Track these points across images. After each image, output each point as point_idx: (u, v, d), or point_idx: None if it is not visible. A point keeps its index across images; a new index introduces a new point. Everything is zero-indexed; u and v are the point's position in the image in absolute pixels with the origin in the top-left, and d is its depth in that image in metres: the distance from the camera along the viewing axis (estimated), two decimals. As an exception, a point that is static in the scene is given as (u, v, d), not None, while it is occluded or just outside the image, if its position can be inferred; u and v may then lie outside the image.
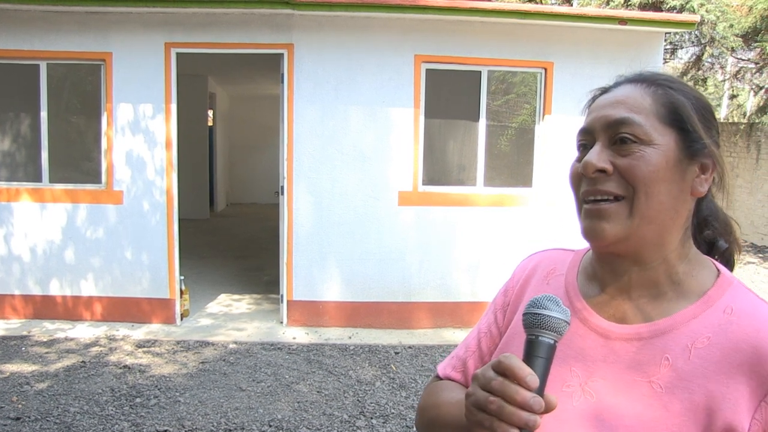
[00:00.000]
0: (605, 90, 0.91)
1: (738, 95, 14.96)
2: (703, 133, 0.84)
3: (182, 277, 5.62)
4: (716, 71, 12.58)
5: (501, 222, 5.73)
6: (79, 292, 5.54)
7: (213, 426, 3.66)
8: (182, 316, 5.65)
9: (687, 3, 9.32)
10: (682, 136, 0.83)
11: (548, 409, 0.72)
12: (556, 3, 12.39)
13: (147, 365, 4.57)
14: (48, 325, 5.40)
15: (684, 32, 9.65)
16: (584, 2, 11.36)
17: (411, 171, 5.60)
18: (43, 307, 5.53)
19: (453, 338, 5.47)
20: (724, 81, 13.50)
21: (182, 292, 5.62)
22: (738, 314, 0.80)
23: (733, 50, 10.15)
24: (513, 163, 6.01)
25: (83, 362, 4.58)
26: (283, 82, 5.44)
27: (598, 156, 0.83)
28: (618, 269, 0.87)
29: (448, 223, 5.68)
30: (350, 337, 5.38)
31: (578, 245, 1.00)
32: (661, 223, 0.83)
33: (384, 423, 3.77)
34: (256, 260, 8.27)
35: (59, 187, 5.49)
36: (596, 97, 0.91)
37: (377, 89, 5.50)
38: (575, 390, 0.85)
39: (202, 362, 4.67)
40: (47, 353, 4.75)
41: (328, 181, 5.55)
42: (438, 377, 1.08)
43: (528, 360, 0.73)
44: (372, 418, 3.82)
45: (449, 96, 5.84)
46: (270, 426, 3.68)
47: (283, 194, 5.54)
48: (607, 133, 0.84)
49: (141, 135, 5.42)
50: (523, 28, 5.54)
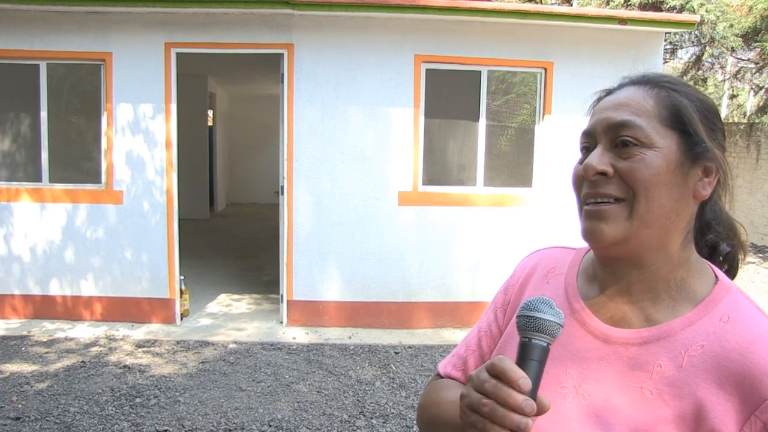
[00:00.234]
0: (609, 92, 0.90)
1: (738, 95, 14.95)
2: (705, 136, 0.83)
3: (182, 277, 5.63)
4: (716, 71, 12.58)
5: (501, 222, 5.73)
6: (79, 292, 5.54)
7: (213, 426, 3.66)
8: (182, 316, 5.65)
9: (687, 3, 9.32)
10: (684, 139, 0.83)
11: (541, 412, 0.72)
12: (556, 3, 12.39)
13: (147, 365, 4.57)
14: (48, 325, 5.41)
15: (684, 32, 9.66)
16: (584, 2, 11.36)
17: (411, 171, 5.60)
18: (43, 307, 5.53)
19: (453, 338, 5.47)
20: (724, 81, 13.51)
21: (182, 292, 5.62)
22: (734, 323, 0.79)
23: (733, 50, 10.16)
24: (513, 163, 6.01)
25: (83, 362, 4.58)
26: (283, 82, 5.44)
27: (599, 159, 0.83)
28: (617, 272, 0.87)
29: (448, 223, 5.68)
30: (350, 337, 5.38)
31: (579, 244, 0.99)
32: (662, 227, 0.82)
33: (384, 423, 3.77)
34: (256, 260, 8.27)
35: (59, 187, 5.49)
36: (600, 99, 0.91)
37: (377, 89, 5.51)
38: (569, 391, 0.85)
39: (202, 362, 4.67)
40: (47, 353, 4.75)
41: (328, 181, 5.55)
42: (439, 375, 1.08)
43: (521, 362, 0.73)
44: (372, 418, 3.83)
45: (449, 96, 5.84)
46: (270, 426, 3.68)
47: (283, 194, 5.54)
48: (609, 136, 0.84)
49: (141, 135, 5.42)
50: (523, 28, 5.54)
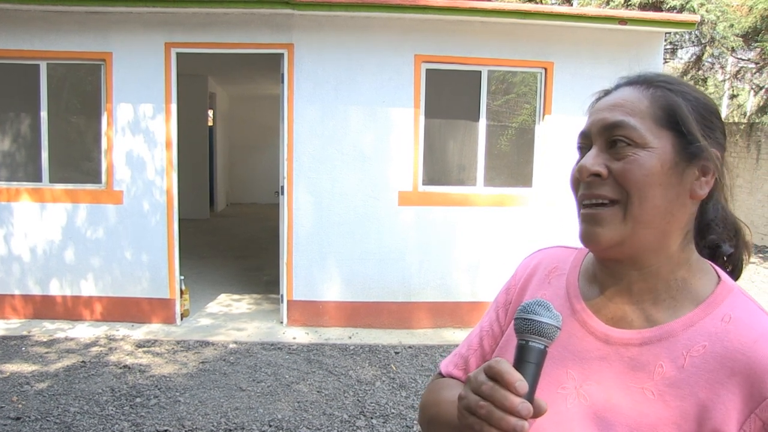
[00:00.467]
0: (607, 92, 0.90)
1: (738, 95, 14.95)
2: (700, 135, 0.82)
3: (182, 277, 5.62)
4: (716, 71, 12.58)
5: (501, 222, 5.73)
6: (79, 292, 5.54)
7: (213, 426, 3.66)
8: (182, 316, 5.65)
9: (687, 3, 9.32)
10: (680, 139, 0.82)
11: (538, 414, 0.72)
12: (556, 3, 12.39)
13: (147, 365, 4.57)
14: (48, 325, 5.41)
15: (684, 32, 9.65)
16: (584, 2, 11.36)
17: (411, 171, 5.60)
18: (43, 307, 5.53)
19: (453, 338, 5.47)
20: (724, 81, 13.51)
21: (182, 292, 5.62)
22: (735, 323, 0.79)
23: (733, 50, 10.16)
24: (513, 163, 6.01)
25: (83, 362, 4.58)
26: (283, 82, 5.44)
27: (593, 160, 0.83)
28: (617, 273, 0.87)
29: (448, 223, 5.68)
30: (350, 337, 5.38)
31: (580, 244, 0.99)
32: (658, 227, 0.82)
33: (384, 423, 3.77)
34: (256, 260, 8.27)
35: (59, 187, 5.49)
36: (599, 100, 0.91)
37: (377, 89, 5.50)
38: (570, 392, 0.85)
39: (202, 362, 4.67)
40: (47, 353, 4.75)
41: (328, 181, 5.55)
42: (441, 375, 1.08)
43: (518, 365, 0.73)
44: (372, 418, 3.82)
45: (449, 96, 5.84)
46: (270, 426, 3.68)
47: (283, 194, 5.54)
48: (603, 137, 0.84)
49: (141, 135, 5.42)
50: (524, 28, 5.54)
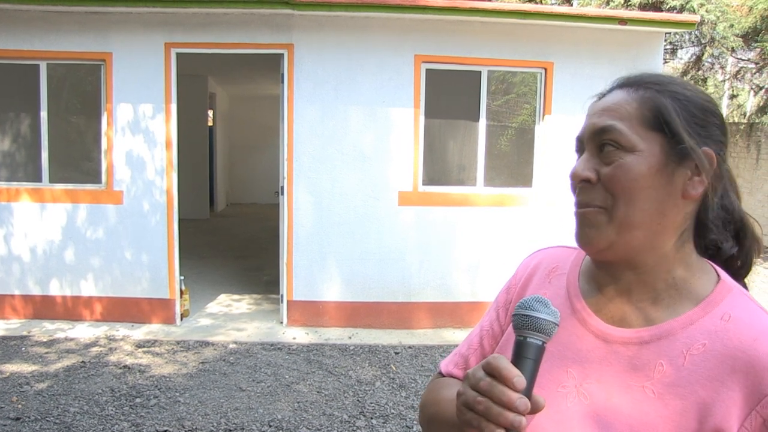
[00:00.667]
0: (602, 95, 0.91)
1: (738, 95, 14.96)
2: (687, 136, 0.81)
3: (182, 277, 5.62)
4: (716, 71, 12.58)
5: (501, 222, 5.73)
6: (79, 292, 5.54)
7: (213, 426, 3.66)
8: (182, 316, 5.65)
9: (687, 3, 9.32)
10: (668, 140, 0.82)
11: (535, 410, 0.72)
12: (556, 3, 12.39)
13: (147, 365, 4.57)
14: (48, 325, 5.40)
15: (684, 32, 9.66)
16: (584, 2, 11.36)
17: (411, 171, 5.60)
18: (43, 307, 5.53)
19: (453, 338, 5.47)
20: (724, 81, 13.51)
21: (182, 292, 5.62)
22: (735, 322, 0.79)
23: (733, 50, 10.16)
24: (513, 163, 6.01)
25: (83, 362, 4.58)
26: (283, 82, 5.44)
27: (584, 165, 0.85)
28: (614, 273, 0.87)
29: (448, 223, 5.68)
30: (350, 337, 5.38)
31: None
32: (648, 229, 0.82)
33: (384, 423, 3.77)
34: (256, 260, 8.27)
35: (59, 187, 5.49)
36: (595, 103, 0.91)
37: (377, 89, 5.50)
38: (570, 391, 0.85)
39: (202, 362, 4.67)
40: (47, 353, 4.75)
41: (328, 181, 5.55)
42: (441, 374, 1.09)
43: (516, 361, 0.73)
44: (372, 419, 3.82)
45: (449, 96, 5.84)
46: (270, 426, 3.68)
47: (283, 194, 5.54)
48: (594, 141, 0.85)
49: (141, 135, 5.42)
50: (523, 28, 5.54)
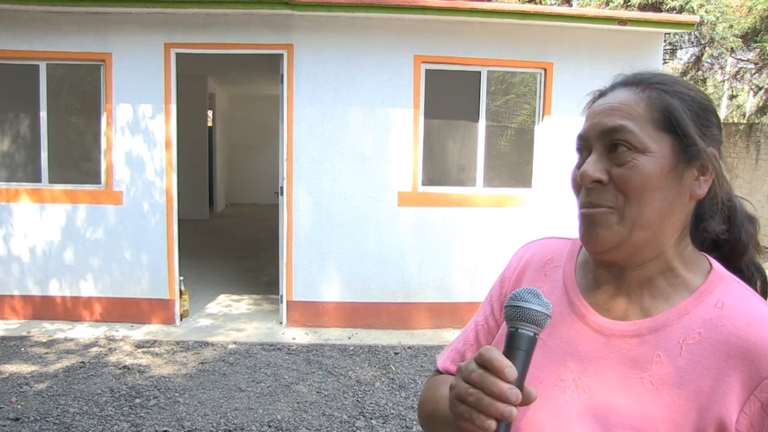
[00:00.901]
0: (602, 93, 0.90)
1: (737, 95, 14.98)
2: (697, 137, 0.83)
3: (182, 278, 5.62)
4: (716, 72, 12.60)
5: (500, 222, 5.73)
6: (79, 293, 5.53)
7: (212, 426, 3.66)
8: (182, 317, 5.65)
9: (686, 3, 9.33)
10: (678, 141, 0.82)
11: (527, 401, 0.72)
12: (556, 3, 12.40)
13: (146, 366, 4.57)
14: (47, 326, 5.40)
15: (683, 33, 9.67)
16: (584, 3, 11.37)
17: (410, 171, 5.60)
18: (43, 308, 5.53)
19: (452, 339, 5.45)
20: (724, 81, 13.53)
21: (182, 293, 5.62)
22: (729, 308, 0.80)
23: (733, 51, 10.17)
24: (512, 164, 6.01)
25: (82, 363, 4.58)
26: (283, 83, 5.44)
27: (594, 166, 0.84)
28: (613, 269, 0.87)
29: (448, 224, 5.68)
30: (350, 338, 5.38)
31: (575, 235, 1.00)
32: (657, 229, 0.83)
33: (383, 423, 3.77)
34: (256, 261, 8.27)
35: (59, 188, 5.49)
36: (595, 100, 0.90)
37: (377, 90, 5.51)
38: (568, 385, 0.85)
39: (202, 363, 4.67)
40: (46, 354, 4.75)
41: (328, 182, 5.55)
42: (438, 371, 1.08)
43: (508, 352, 0.73)
44: (371, 419, 3.82)
45: (449, 96, 5.84)
46: (269, 426, 3.68)
47: (283, 195, 5.54)
48: (603, 142, 0.84)
49: (140, 135, 5.42)
50: (523, 29, 5.54)
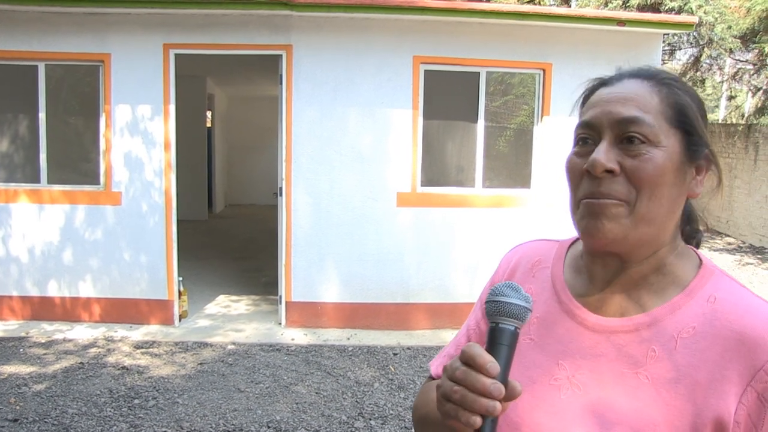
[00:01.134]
0: (604, 82, 0.88)
1: (736, 96, 15.00)
2: (706, 137, 0.85)
3: (181, 278, 5.62)
4: (714, 72, 12.61)
5: (499, 223, 5.73)
6: (78, 294, 5.53)
7: (212, 427, 3.65)
8: (180, 317, 5.64)
9: (685, 4, 9.34)
10: (686, 139, 0.83)
11: (512, 396, 0.72)
12: (555, 4, 12.41)
13: (145, 366, 4.57)
14: (46, 327, 5.40)
15: (682, 33, 9.68)
16: (583, 3, 11.38)
17: (409, 172, 5.60)
18: (41, 309, 5.53)
19: (451, 339, 5.47)
20: (722, 82, 13.54)
21: (181, 293, 5.62)
22: (721, 302, 0.81)
23: (731, 51, 10.18)
24: (511, 164, 6.01)
25: (81, 363, 4.58)
26: (282, 84, 5.44)
27: (606, 155, 0.81)
28: (609, 264, 0.87)
29: (447, 224, 5.68)
30: (349, 338, 5.37)
31: (562, 237, 1.00)
32: (660, 224, 0.83)
33: (383, 424, 3.77)
34: (255, 261, 8.27)
35: (57, 189, 5.48)
36: (595, 89, 0.88)
37: (376, 90, 5.51)
38: (563, 383, 0.85)
39: (201, 363, 4.66)
40: (45, 354, 4.74)
41: (327, 182, 5.55)
42: (432, 378, 1.09)
43: (491, 348, 0.73)
44: (371, 419, 3.82)
45: (448, 97, 5.84)
46: (268, 427, 3.68)
47: (282, 195, 5.54)
48: (615, 131, 0.82)
49: (139, 136, 5.42)
50: (522, 30, 5.54)
